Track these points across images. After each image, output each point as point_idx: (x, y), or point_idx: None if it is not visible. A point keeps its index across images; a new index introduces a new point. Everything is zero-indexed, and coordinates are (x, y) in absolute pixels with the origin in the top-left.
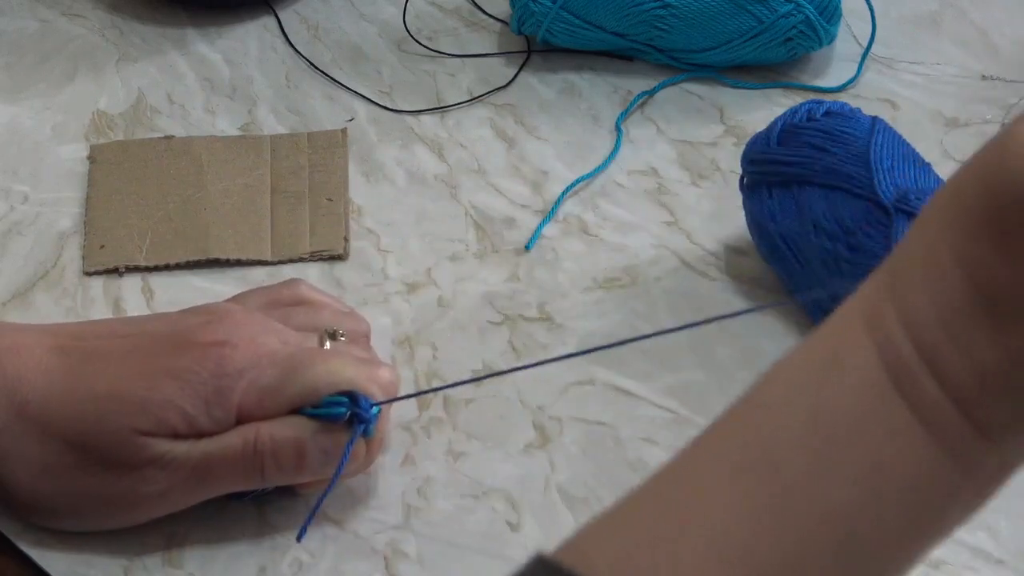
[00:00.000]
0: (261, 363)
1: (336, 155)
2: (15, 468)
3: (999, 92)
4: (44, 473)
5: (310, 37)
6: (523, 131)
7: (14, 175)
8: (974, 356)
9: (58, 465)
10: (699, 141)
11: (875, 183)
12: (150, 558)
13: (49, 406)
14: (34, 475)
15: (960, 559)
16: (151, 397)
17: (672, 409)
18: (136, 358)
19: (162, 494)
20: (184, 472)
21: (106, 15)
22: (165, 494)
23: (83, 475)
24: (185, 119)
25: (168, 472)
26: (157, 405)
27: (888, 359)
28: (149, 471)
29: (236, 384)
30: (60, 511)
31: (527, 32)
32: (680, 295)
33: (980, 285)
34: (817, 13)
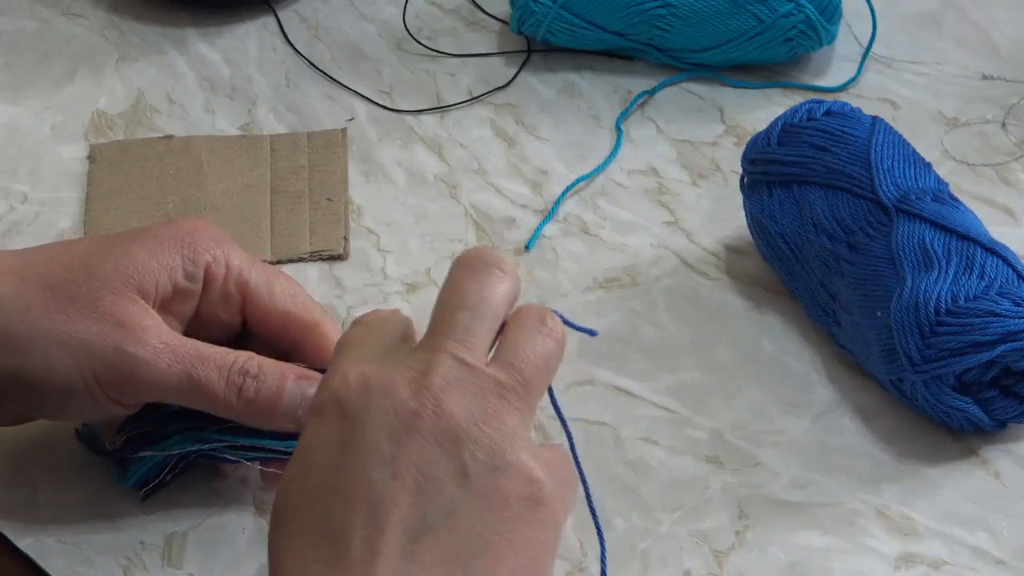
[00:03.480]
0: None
1: (336, 155)
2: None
3: (999, 92)
4: (23, 313)
5: (310, 37)
6: (523, 131)
7: (14, 175)
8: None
9: (34, 307)
10: (699, 141)
11: (875, 183)
12: (150, 558)
13: (29, 257)
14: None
15: (960, 559)
16: (138, 251)
17: (672, 409)
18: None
19: (146, 362)
20: (168, 350)
21: (106, 15)
22: (148, 363)
23: (66, 319)
24: (185, 119)
25: (153, 341)
26: (145, 260)
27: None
28: (136, 331)
29: (209, 247)
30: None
31: (527, 32)
32: (680, 295)
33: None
34: (817, 13)
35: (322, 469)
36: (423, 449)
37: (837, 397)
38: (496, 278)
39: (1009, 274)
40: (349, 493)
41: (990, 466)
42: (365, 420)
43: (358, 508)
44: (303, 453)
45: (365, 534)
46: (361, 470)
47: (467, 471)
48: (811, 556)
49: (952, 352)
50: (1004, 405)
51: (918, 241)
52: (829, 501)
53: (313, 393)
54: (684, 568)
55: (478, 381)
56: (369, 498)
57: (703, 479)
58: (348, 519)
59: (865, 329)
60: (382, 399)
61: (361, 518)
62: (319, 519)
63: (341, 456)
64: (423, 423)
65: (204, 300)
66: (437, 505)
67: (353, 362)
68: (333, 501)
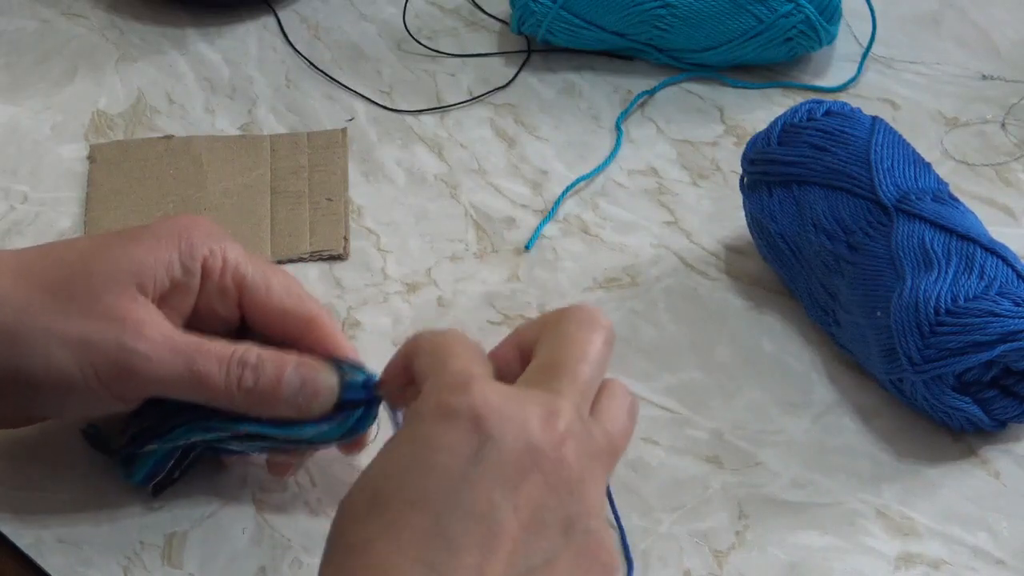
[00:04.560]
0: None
1: (336, 155)
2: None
3: (999, 92)
4: (23, 312)
5: (310, 37)
6: (523, 131)
7: (14, 175)
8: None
9: (33, 305)
10: (699, 141)
11: (875, 183)
12: (150, 558)
13: (27, 257)
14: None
15: (960, 559)
16: (135, 247)
17: (672, 409)
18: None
19: (146, 356)
20: (167, 343)
21: (106, 15)
22: (148, 358)
23: (65, 316)
24: (185, 119)
25: (153, 335)
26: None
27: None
28: (136, 326)
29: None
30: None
31: (527, 32)
32: (680, 295)
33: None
34: (817, 13)
35: (446, 474)
36: (542, 490)
37: (837, 397)
38: (608, 341)
39: (1009, 274)
40: (472, 509)
41: (990, 466)
42: (500, 442)
43: (478, 527)
44: (424, 448)
45: (477, 555)
46: (488, 490)
47: (571, 524)
48: (811, 556)
49: (952, 352)
50: (1004, 405)
51: (918, 241)
52: (829, 501)
53: (314, 378)
54: (684, 568)
55: (588, 440)
56: (490, 520)
57: (703, 479)
58: (465, 535)
59: (865, 329)
60: (517, 428)
61: (477, 538)
62: (434, 523)
63: (470, 468)
64: (546, 464)
65: (202, 294)
66: (542, 549)
67: (480, 380)
68: (454, 511)
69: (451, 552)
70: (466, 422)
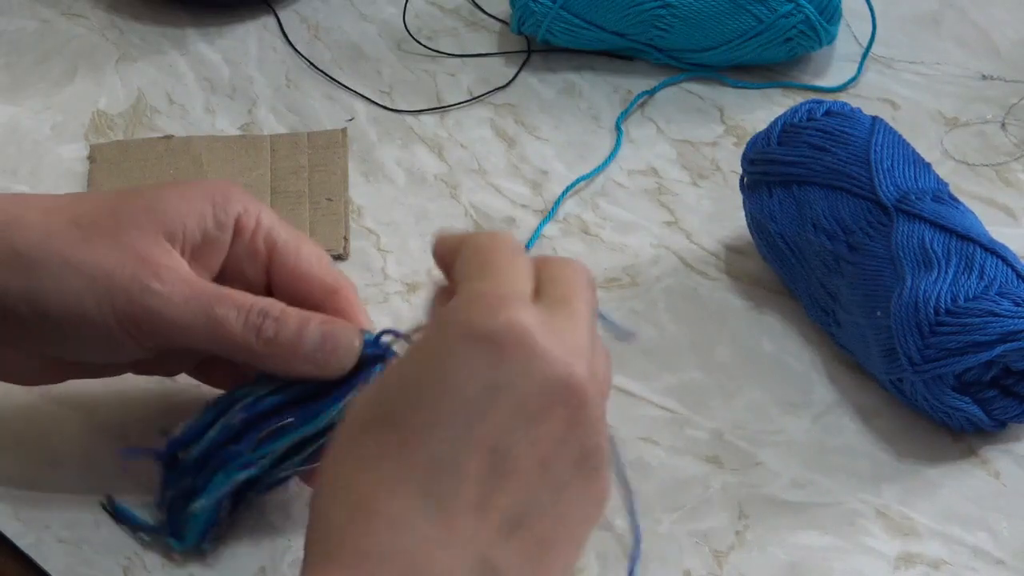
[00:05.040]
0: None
1: (336, 155)
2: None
3: (999, 92)
4: (46, 239)
5: (310, 37)
6: (523, 131)
7: (14, 175)
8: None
9: (56, 234)
10: (699, 141)
11: (875, 183)
12: (150, 558)
13: (59, 198)
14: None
15: (960, 559)
16: (169, 194)
17: (672, 409)
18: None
19: (163, 296)
20: (186, 286)
21: (106, 15)
22: (166, 298)
23: (88, 247)
24: (185, 119)
25: (172, 277)
26: (176, 203)
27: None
28: (156, 267)
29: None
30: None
31: (527, 32)
32: (680, 295)
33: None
34: (817, 13)
35: (464, 400)
36: (563, 426)
37: (837, 397)
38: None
39: (1009, 274)
40: (484, 438)
41: (990, 466)
42: (527, 375)
43: (490, 459)
44: (445, 368)
45: (485, 488)
46: (506, 422)
47: (584, 461)
48: (811, 556)
49: (952, 352)
50: (1004, 405)
51: (918, 241)
52: (829, 501)
53: (335, 333)
54: (684, 568)
55: (602, 381)
56: (504, 454)
57: (703, 479)
58: (476, 466)
59: (865, 329)
60: (547, 362)
61: (488, 471)
62: (444, 447)
63: (491, 397)
64: (573, 401)
65: (232, 253)
66: (551, 486)
67: (517, 304)
68: (467, 438)
69: (457, 482)
70: (496, 348)
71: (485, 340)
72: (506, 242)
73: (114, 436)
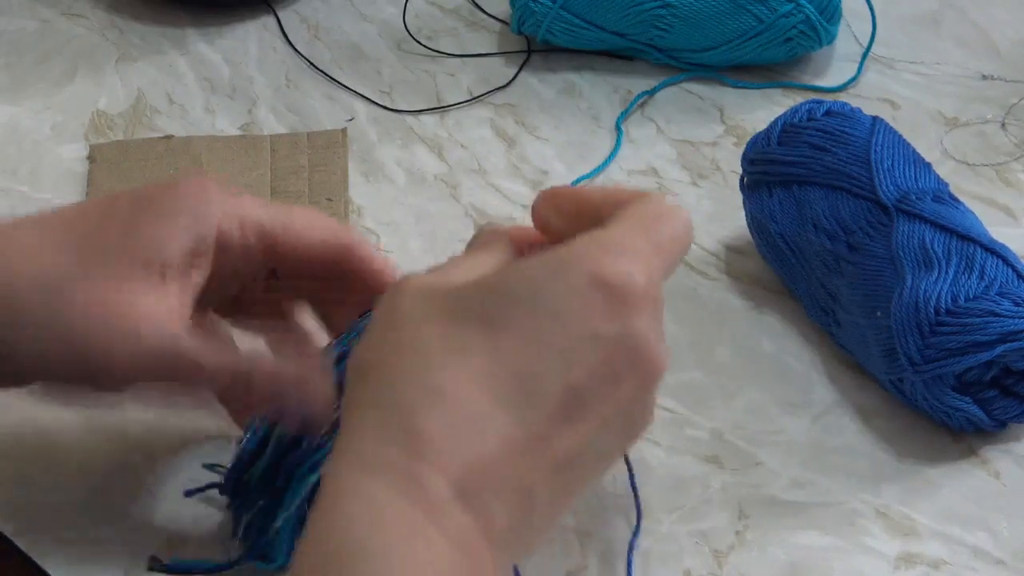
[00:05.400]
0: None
1: (336, 155)
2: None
3: (999, 92)
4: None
5: (310, 37)
6: (523, 131)
7: (14, 175)
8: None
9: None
10: (699, 141)
11: (875, 183)
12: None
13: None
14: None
15: (960, 559)
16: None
17: (672, 409)
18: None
19: (157, 300)
20: (177, 297)
21: (106, 15)
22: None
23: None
24: (185, 119)
25: (165, 287)
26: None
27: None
28: (138, 308)
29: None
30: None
31: (527, 32)
32: (680, 295)
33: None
34: (817, 13)
35: (569, 331)
36: (629, 393)
37: (837, 397)
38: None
39: (1009, 274)
40: (571, 378)
41: (990, 466)
42: (626, 338)
43: (566, 398)
44: (560, 293)
45: (552, 425)
46: (593, 372)
47: (633, 426)
48: (811, 556)
49: (952, 352)
50: (1004, 405)
51: (918, 241)
52: (829, 501)
53: (310, 400)
54: (684, 568)
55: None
56: (579, 399)
57: (703, 479)
58: (555, 397)
59: (865, 329)
60: (646, 337)
61: (561, 408)
62: (534, 369)
63: (590, 342)
64: (647, 373)
65: (222, 259)
66: (602, 445)
67: (657, 277)
68: (557, 371)
69: (533, 407)
70: (617, 304)
71: (612, 291)
72: (679, 220)
73: (114, 436)
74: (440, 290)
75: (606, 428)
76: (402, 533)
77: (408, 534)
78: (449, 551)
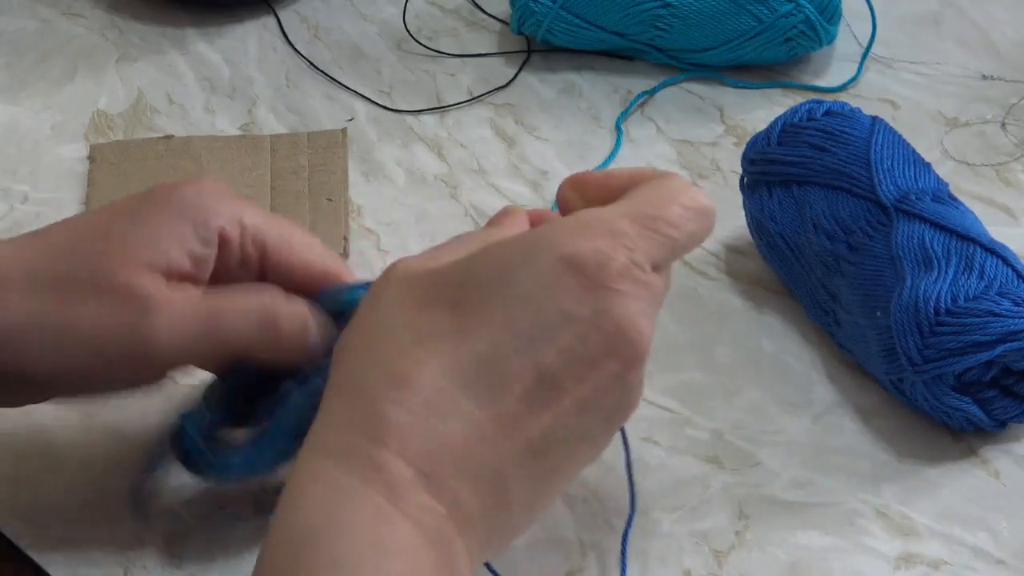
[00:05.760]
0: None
1: (336, 155)
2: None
3: (999, 92)
4: (30, 317)
5: (310, 37)
6: (523, 131)
7: (13, 175)
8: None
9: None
10: (699, 141)
11: (875, 183)
12: (150, 558)
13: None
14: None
15: (960, 559)
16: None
17: (672, 409)
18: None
19: (163, 334)
20: (186, 312)
21: (106, 15)
22: (166, 333)
23: (72, 309)
24: (185, 119)
25: (168, 312)
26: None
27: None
28: (151, 303)
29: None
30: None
31: (527, 32)
32: (680, 295)
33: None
34: (817, 13)
35: (536, 313)
36: (608, 377)
37: (837, 397)
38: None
39: (1009, 274)
40: (540, 360)
41: (990, 466)
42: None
43: (535, 380)
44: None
45: (520, 407)
46: (564, 353)
47: (616, 413)
48: (811, 556)
49: (952, 352)
50: (1004, 405)
51: (918, 241)
52: (829, 501)
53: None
54: (684, 568)
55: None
56: (549, 380)
57: (703, 479)
58: (522, 380)
59: (865, 329)
60: (621, 318)
61: (530, 390)
62: (499, 351)
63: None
64: (628, 355)
65: (221, 265)
66: (580, 430)
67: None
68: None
69: (499, 390)
70: (588, 284)
71: (584, 271)
72: (688, 202)
73: (114, 436)
74: (420, 274)
75: (585, 411)
76: (363, 516)
77: (369, 517)
78: (413, 533)
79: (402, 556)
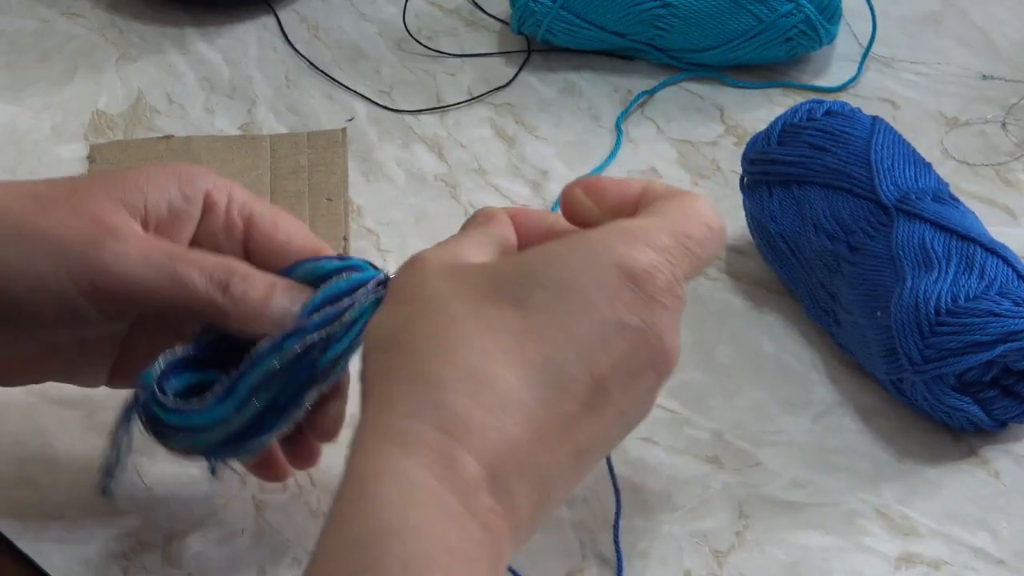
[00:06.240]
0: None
1: (336, 155)
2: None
3: (999, 92)
4: (3, 210)
5: (310, 37)
6: (523, 131)
7: (13, 175)
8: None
9: (13, 207)
10: (699, 141)
11: (875, 183)
12: (149, 558)
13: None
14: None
15: (961, 559)
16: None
17: (672, 409)
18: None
19: (121, 256)
20: (145, 245)
21: (106, 15)
22: (124, 258)
23: (43, 217)
24: (185, 119)
25: (131, 238)
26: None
27: (454, 483)
28: (113, 228)
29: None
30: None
31: (527, 32)
32: None
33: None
34: (817, 12)
35: (598, 318)
36: (644, 388)
37: (837, 397)
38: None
39: (1009, 274)
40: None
41: (990, 466)
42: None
43: (592, 386)
44: (591, 279)
45: (575, 412)
46: (617, 362)
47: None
48: (811, 556)
49: (952, 352)
50: (1004, 405)
51: (918, 241)
52: (829, 501)
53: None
54: (684, 568)
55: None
56: (603, 388)
57: (703, 479)
58: (582, 385)
59: (865, 329)
60: (669, 334)
61: (587, 396)
62: (563, 354)
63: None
64: (663, 369)
65: (205, 227)
66: (615, 433)
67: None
68: (585, 358)
69: (560, 392)
70: (645, 296)
71: (638, 282)
72: (710, 223)
73: None
74: (463, 268)
75: (620, 419)
76: (437, 516)
77: (442, 518)
78: (480, 536)
79: (467, 560)
